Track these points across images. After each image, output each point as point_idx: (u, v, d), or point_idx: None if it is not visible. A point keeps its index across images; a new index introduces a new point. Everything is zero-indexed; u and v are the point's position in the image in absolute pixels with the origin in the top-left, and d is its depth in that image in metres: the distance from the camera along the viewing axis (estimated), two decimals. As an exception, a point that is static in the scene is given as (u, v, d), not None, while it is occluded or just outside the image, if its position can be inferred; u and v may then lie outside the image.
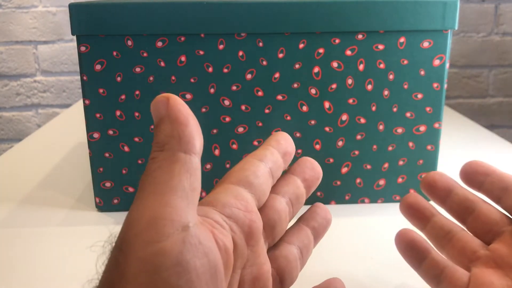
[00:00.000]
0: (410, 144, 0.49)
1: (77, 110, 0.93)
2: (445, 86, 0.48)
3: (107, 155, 0.47)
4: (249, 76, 0.46)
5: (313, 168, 0.29)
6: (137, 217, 0.20)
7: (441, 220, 0.31)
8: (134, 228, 0.19)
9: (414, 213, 0.32)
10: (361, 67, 0.46)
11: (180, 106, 0.22)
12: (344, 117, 0.48)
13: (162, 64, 0.45)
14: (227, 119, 0.47)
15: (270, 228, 0.26)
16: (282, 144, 0.28)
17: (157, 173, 0.21)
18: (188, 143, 0.21)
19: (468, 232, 0.31)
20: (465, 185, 0.32)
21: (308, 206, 0.49)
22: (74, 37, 1.24)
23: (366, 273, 0.39)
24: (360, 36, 0.46)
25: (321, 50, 0.46)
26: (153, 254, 0.18)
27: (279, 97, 0.47)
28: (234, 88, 0.46)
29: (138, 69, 0.46)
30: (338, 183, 0.50)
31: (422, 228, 0.32)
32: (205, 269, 0.19)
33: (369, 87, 0.47)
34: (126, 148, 0.47)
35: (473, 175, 0.31)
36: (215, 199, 0.24)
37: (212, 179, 0.49)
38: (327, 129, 0.48)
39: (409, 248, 0.32)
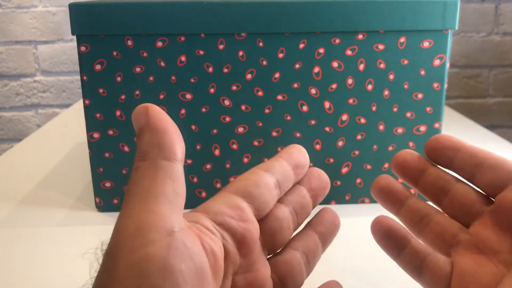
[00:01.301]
0: (411, 144, 0.49)
1: (77, 110, 0.93)
2: (445, 86, 0.48)
3: (107, 155, 0.47)
4: (249, 76, 0.46)
5: (319, 178, 0.29)
6: (123, 225, 0.20)
7: (416, 203, 0.29)
8: (121, 235, 0.20)
9: (387, 197, 0.30)
10: (361, 67, 0.46)
11: (159, 115, 0.22)
12: (344, 117, 0.48)
13: (162, 64, 0.45)
14: (227, 119, 0.47)
15: (269, 236, 0.27)
16: (294, 156, 0.28)
17: (140, 181, 0.21)
18: (168, 151, 0.22)
19: (445, 214, 0.29)
20: (434, 162, 0.29)
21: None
22: (74, 37, 1.24)
23: (367, 273, 0.39)
24: (360, 36, 0.46)
25: (321, 50, 0.46)
26: (140, 260, 0.19)
27: (279, 97, 0.47)
28: (234, 88, 0.46)
29: (138, 69, 0.46)
30: (338, 183, 0.49)
31: (397, 213, 0.30)
32: (191, 272, 0.20)
33: (369, 87, 0.47)
34: (126, 148, 0.47)
35: (442, 151, 0.29)
36: (209, 207, 0.24)
37: (212, 179, 0.49)
38: (327, 129, 0.48)
39: (386, 237, 0.29)
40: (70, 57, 1.25)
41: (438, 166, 0.30)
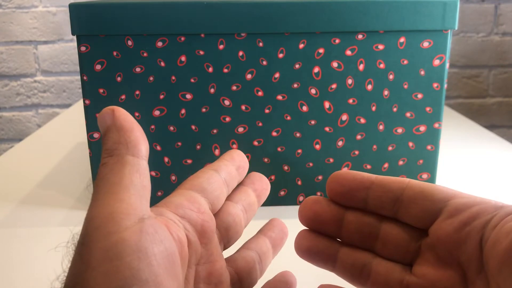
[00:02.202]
0: (410, 144, 0.49)
1: (77, 110, 0.93)
2: (445, 86, 0.48)
3: (107, 155, 0.47)
4: (249, 76, 0.46)
5: (261, 180, 0.32)
6: (95, 214, 0.21)
7: (349, 255, 0.27)
8: (93, 223, 0.21)
9: (315, 258, 0.28)
10: (361, 67, 0.47)
11: (125, 115, 0.24)
12: (344, 117, 0.48)
13: (162, 64, 0.46)
14: (227, 119, 0.47)
15: (224, 230, 0.28)
16: (236, 159, 0.30)
17: (109, 175, 0.22)
18: (134, 148, 0.23)
19: (383, 259, 0.27)
20: (346, 206, 0.27)
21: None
22: (74, 37, 1.24)
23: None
24: (360, 36, 0.46)
25: (321, 50, 0.46)
26: (114, 244, 0.20)
27: (279, 97, 0.47)
28: (234, 88, 0.46)
29: (138, 69, 0.46)
30: (338, 183, 0.49)
31: (332, 269, 0.28)
32: (163, 255, 0.21)
33: (369, 87, 0.47)
34: (126, 148, 0.47)
35: (350, 193, 0.27)
36: (169, 202, 0.26)
37: (212, 179, 0.49)
38: (327, 129, 0.48)
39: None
40: (70, 57, 1.25)
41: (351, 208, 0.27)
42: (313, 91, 0.47)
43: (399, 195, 0.26)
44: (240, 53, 0.46)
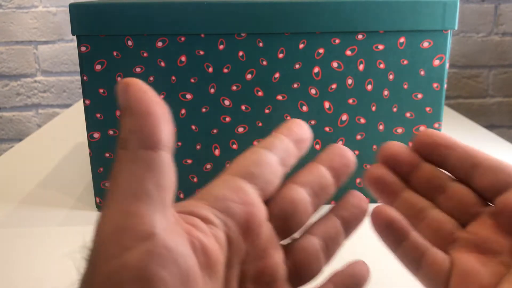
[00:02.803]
0: (410, 144, 0.49)
1: (77, 110, 0.93)
2: (445, 86, 0.48)
3: (107, 155, 0.47)
4: (249, 76, 0.46)
5: (342, 155, 0.27)
6: (102, 228, 0.19)
7: (411, 197, 0.28)
8: (98, 240, 0.19)
9: (381, 188, 0.28)
10: (361, 67, 0.47)
11: (140, 93, 0.19)
12: (344, 117, 0.48)
13: (162, 64, 0.46)
14: (227, 119, 0.47)
15: (281, 220, 0.24)
16: (295, 131, 0.26)
17: (118, 176, 0.19)
18: (149, 138, 0.19)
19: (441, 210, 0.27)
20: (425, 159, 0.28)
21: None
22: (75, 37, 1.24)
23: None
24: (360, 36, 0.46)
25: (321, 50, 0.46)
26: (116, 269, 0.18)
27: (279, 97, 0.47)
28: (234, 88, 0.46)
29: (138, 69, 0.46)
30: (338, 183, 0.50)
31: (390, 204, 0.28)
32: (174, 277, 0.18)
33: (369, 87, 0.47)
34: (126, 148, 0.47)
35: (434, 147, 0.27)
36: (208, 193, 0.23)
37: (212, 179, 0.49)
38: (327, 129, 0.48)
39: (386, 229, 0.27)
40: (70, 57, 1.25)
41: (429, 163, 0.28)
42: (313, 91, 0.47)
43: (480, 162, 0.26)
44: (240, 53, 0.46)
